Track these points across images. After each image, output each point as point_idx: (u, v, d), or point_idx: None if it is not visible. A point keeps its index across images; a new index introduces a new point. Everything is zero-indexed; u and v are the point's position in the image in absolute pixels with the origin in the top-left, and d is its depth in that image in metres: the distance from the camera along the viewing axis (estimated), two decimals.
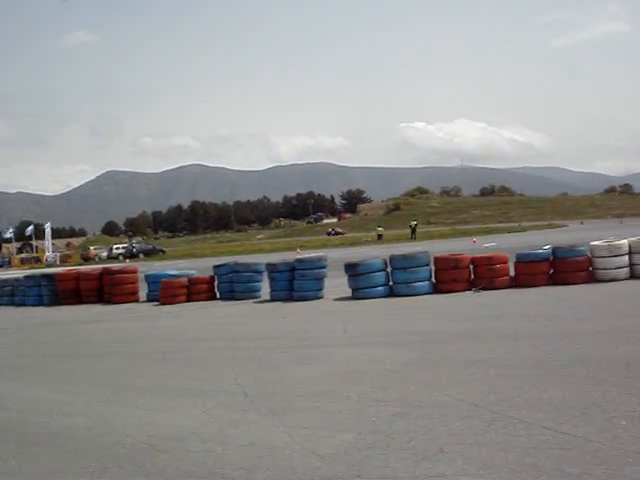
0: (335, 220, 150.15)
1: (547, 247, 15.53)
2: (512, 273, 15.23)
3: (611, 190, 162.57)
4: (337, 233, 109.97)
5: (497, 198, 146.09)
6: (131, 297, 19.65)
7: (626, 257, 14.62)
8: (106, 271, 20.86)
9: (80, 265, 54.44)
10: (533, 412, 5.58)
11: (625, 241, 14.84)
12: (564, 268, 14.75)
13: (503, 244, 35.51)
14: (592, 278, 14.69)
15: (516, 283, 15.03)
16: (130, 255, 70.16)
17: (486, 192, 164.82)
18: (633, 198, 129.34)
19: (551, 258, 15.01)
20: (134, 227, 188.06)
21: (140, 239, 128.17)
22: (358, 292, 15.61)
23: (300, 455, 5.08)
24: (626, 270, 14.59)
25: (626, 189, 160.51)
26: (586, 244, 15.33)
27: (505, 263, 15.30)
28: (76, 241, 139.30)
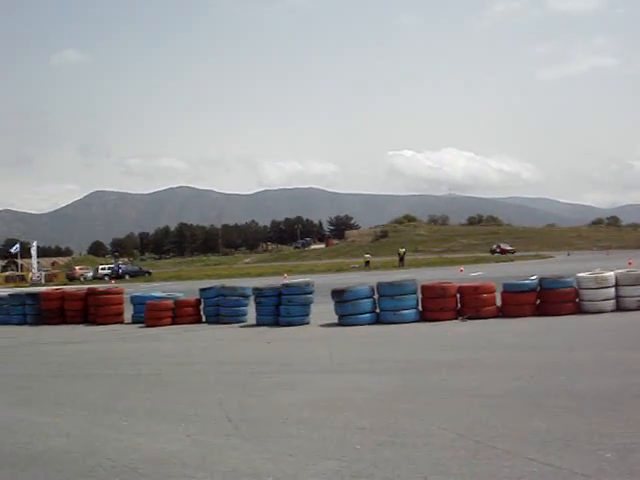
0: (323, 246, 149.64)
1: (534, 277, 15.59)
2: (499, 303, 15.26)
3: (598, 222, 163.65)
4: (503, 251, 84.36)
5: (485, 227, 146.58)
6: (116, 318, 19.52)
7: (612, 289, 14.69)
8: (91, 291, 20.75)
9: (65, 285, 54.08)
10: (518, 443, 5.57)
11: (612, 273, 14.92)
12: (551, 299, 14.80)
13: (490, 273, 35.59)
14: (578, 309, 14.74)
15: (502, 313, 15.06)
16: (116, 276, 69.83)
17: (474, 221, 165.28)
18: (620, 230, 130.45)
19: (538, 289, 15.06)
20: (121, 248, 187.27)
21: (126, 260, 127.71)
22: (344, 319, 15.57)
23: None
24: (612, 302, 14.65)
25: (613, 221, 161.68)
26: (573, 275, 15.40)
27: (492, 293, 15.34)
28: (62, 260, 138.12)
